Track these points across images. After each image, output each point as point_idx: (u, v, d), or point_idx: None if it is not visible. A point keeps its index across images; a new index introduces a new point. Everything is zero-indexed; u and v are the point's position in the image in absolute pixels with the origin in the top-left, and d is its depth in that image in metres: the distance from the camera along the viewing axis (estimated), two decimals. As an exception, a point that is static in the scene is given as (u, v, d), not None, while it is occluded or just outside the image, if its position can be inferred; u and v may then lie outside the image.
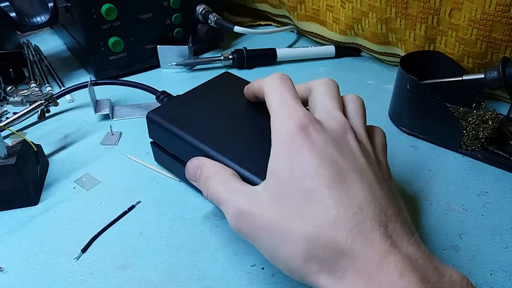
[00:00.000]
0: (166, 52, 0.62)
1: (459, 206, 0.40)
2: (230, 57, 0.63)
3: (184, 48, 0.62)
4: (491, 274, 0.34)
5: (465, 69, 0.51)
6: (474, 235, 0.37)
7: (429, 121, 0.47)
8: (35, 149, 0.42)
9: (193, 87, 0.43)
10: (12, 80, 0.58)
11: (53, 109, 0.53)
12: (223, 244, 0.37)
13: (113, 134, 0.50)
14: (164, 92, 0.52)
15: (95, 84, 0.54)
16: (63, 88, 0.57)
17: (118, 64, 0.60)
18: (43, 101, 0.48)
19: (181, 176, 0.43)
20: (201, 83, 0.43)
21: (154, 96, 0.52)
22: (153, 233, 0.38)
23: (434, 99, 0.45)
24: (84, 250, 0.36)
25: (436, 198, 0.41)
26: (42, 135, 0.50)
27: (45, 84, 0.59)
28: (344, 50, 0.66)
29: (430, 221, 0.39)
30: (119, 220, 0.39)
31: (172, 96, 0.51)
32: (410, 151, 0.47)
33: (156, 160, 0.45)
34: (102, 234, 0.38)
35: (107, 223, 0.39)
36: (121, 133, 0.50)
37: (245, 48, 0.63)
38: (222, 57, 0.63)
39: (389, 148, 0.48)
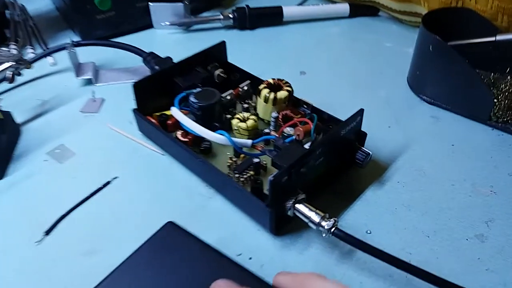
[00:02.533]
0: (159, 10, 0.57)
1: (487, 187, 0.36)
2: (231, 16, 0.58)
3: (179, 6, 0.56)
4: (524, 270, 0.30)
5: (499, 29, 0.46)
6: (503, 223, 0.33)
7: (454, 89, 0.43)
8: (1, 117, 0.38)
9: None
10: (-8, 41, 0.53)
11: (32, 73, 0.48)
12: (208, 229, 0.32)
13: (95, 101, 0.45)
14: (151, 53, 0.47)
15: (78, 45, 0.49)
16: (42, 50, 0.52)
17: (106, 24, 0.55)
18: (13, 63, 0.43)
19: (166, 147, 0.39)
20: (142, 244, 0.30)
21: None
22: (128, 214, 0.34)
23: (461, 63, 0.41)
24: (48, 232, 0.32)
25: (460, 178, 0.37)
26: (17, 101, 0.46)
27: (27, 46, 0.54)
28: (360, 9, 0.62)
29: (451, 205, 0.35)
30: (91, 198, 0.35)
31: (161, 58, 0.45)
32: (431, 123, 0.43)
33: (140, 129, 0.41)
34: (70, 214, 0.34)
35: (78, 202, 0.34)
36: (104, 100, 0.46)
37: (247, 6, 0.58)
38: (221, 16, 0.58)
39: (407, 119, 0.43)
